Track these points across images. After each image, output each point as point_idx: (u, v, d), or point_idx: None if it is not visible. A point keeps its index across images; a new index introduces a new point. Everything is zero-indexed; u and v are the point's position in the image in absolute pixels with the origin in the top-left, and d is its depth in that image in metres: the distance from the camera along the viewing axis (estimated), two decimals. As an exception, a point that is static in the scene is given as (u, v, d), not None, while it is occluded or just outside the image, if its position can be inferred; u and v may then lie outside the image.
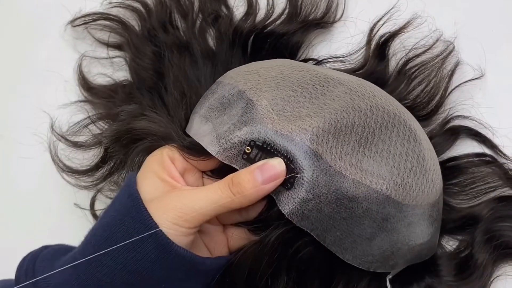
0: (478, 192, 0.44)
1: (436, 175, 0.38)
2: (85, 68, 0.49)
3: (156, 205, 0.33)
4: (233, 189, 0.32)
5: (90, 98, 0.48)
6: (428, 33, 0.46)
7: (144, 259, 0.31)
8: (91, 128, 0.46)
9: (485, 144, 0.45)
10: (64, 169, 0.45)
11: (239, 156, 0.34)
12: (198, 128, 0.37)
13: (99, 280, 0.31)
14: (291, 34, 0.47)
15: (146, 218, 0.32)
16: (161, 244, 0.31)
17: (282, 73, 0.37)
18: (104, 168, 0.45)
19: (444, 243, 0.44)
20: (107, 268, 0.31)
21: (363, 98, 0.36)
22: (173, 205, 0.32)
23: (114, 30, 0.49)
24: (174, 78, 0.44)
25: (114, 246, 0.32)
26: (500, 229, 0.42)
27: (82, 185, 0.45)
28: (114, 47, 0.49)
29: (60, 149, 0.46)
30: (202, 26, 0.48)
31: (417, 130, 0.38)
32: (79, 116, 0.48)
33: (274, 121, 0.34)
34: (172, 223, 0.32)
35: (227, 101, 0.37)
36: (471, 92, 0.46)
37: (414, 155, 0.36)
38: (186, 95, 0.43)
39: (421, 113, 0.45)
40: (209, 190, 0.33)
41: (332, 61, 0.47)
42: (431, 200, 0.37)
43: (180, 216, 0.32)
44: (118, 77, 0.49)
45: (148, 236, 0.31)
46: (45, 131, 0.47)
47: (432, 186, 0.37)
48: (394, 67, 0.46)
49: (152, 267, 0.32)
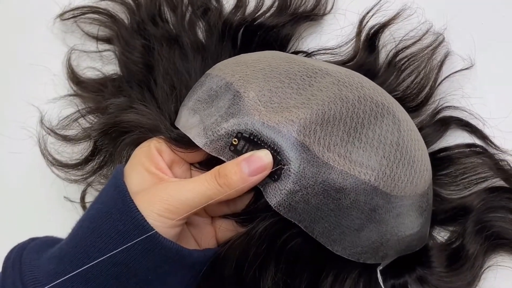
0: (468, 182, 0.44)
1: (424, 166, 0.38)
2: (74, 62, 0.49)
3: (143, 197, 0.33)
4: (220, 180, 0.32)
5: (79, 92, 0.47)
6: (418, 24, 0.46)
7: (130, 251, 0.31)
8: (80, 122, 0.46)
9: (476, 134, 0.45)
10: (53, 163, 0.45)
11: (226, 148, 0.34)
12: (186, 120, 0.37)
13: (86, 272, 0.31)
14: (281, 26, 0.47)
15: (133, 210, 0.32)
16: (147, 237, 0.31)
17: (269, 64, 0.37)
18: (93, 162, 0.45)
19: (436, 234, 0.44)
20: (93, 260, 0.31)
21: (351, 89, 0.36)
22: (159, 197, 0.32)
23: (103, 24, 0.49)
24: (163, 71, 0.44)
25: (100, 237, 0.31)
26: (491, 220, 0.42)
27: (72, 178, 0.45)
28: (104, 40, 0.49)
29: (49, 143, 0.46)
30: (192, 19, 0.48)
31: (406, 120, 0.38)
32: (68, 110, 0.47)
33: (261, 113, 0.34)
34: (158, 215, 0.32)
35: (215, 93, 0.37)
36: (461, 82, 0.46)
37: (403, 145, 0.36)
38: (176, 88, 0.43)
39: (411, 104, 0.45)
40: (196, 182, 0.33)
41: (322, 53, 0.47)
42: (419, 191, 0.37)
43: (167, 208, 0.32)
44: (107, 71, 0.49)
45: (134, 228, 0.31)
46: (34, 125, 0.47)
47: (421, 177, 0.37)
48: (384, 59, 0.46)
49: (138, 259, 0.31)
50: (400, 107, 0.39)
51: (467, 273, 0.41)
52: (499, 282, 0.42)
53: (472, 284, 0.41)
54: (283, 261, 0.36)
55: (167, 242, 0.32)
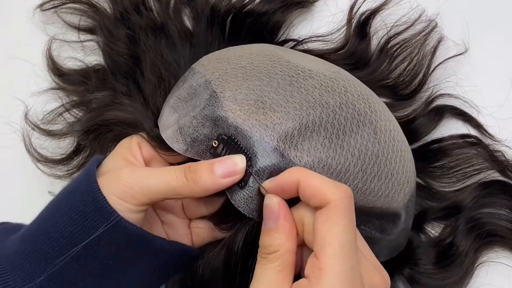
0: (462, 175, 0.43)
1: (405, 178, 0.36)
2: (54, 52, 0.47)
3: (108, 178, 0.32)
4: (188, 175, 0.32)
5: (62, 84, 0.46)
6: (410, 9, 0.45)
7: (90, 233, 0.31)
8: (65, 116, 0.45)
9: (470, 123, 0.45)
10: (39, 159, 0.44)
11: (207, 151, 0.33)
12: (166, 119, 0.36)
13: (45, 253, 0.31)
14: (271, 13, 0.45)
15: (95, 191, 0.31)
16: (108, 217, 0.31)
17: (251, 62, 0.35)
18: (79, 157, 0.44)
19: (430, 229, 0.43)
20: (53, 240, 0.31)
21: (332, 94, 0.34)
22: (122, 180, 0.32)
23: (85, 14, 0.47)
24: (150, 62, 0.42)
25: (61, 218, 0.31)
26: (483, 217, 0.42)
27: (58, 174, 0.44)
28: (86, 31, 0.47)
29: (34, 138, 0.45)
30: (177, 6, 0.46)
31: (391, 130, 0.36)
32: (53, 104, 0.46)
33: (235, 113, 0.33)
34: (118, 198, 0.31)
35: (194, 91, 0.35)
36: (454, 69, 0.45)
37: (382, 157, 0.34)
38: (164, 79, 0.41)
39: (404, 92, 0.45)
40: (163, 171, 0.33)
41: (313, 40, 0.46)
42: (396, 204, 0.35)
43: (126, 191, 0.31)
44: (90, 61, 0.47)
45: (95, 209, 0.31)
46: (19, 120, 0.46)
47: (399, 190, 0.35)
48: (375, 46, 0.45)
49: (98, 241, 0.31)
50: (387, 115, 0.38)
51: (458, 270, 0.40)
52: (491, 278, 0.42)
53: (464, 280, 0.41)
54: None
55: (128, 225, 0.31)
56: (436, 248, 0.42)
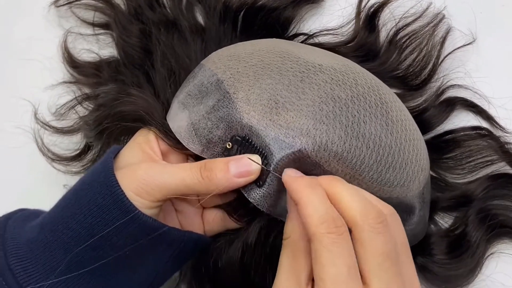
0: (474, 166, 0.43)
1: (419, 166, 0.36)
2: (70, 45, 0.48)
3: (125, 173, 0.33)
4: (204, 173, 0.32)
5: (76, 76, 0.47)
6: (418, 1, 0.46)
7: (109, 225, 0.31)
8: (77, 109, 0.45)
9: (481, 115, 0.45)
10: (53, 158, 0.44)
11: (222, 153, 0.33)
12: (175, 114, 0.37)
13: (64, 243, 0.32)
14: (282, 9, 0.46)
15: (113, 185, 0.32)
16: (125, 211, 0.31)
17: (262, 60, 0.36)
18: (92, 151, 0.44)
19: (438, 219, 0.43)
20: (72, 231, 0.32)
21: (344, 88, 0.35)
22: (139, 175, 0.32)
23: (100, 9, 0.48)
24: (162, 55, 0.43)
25: (80, 209, 0.32)
26: (494, 208, 0.42)
27: (74, 170, 0.44)
28: (100, 26, 0.48)
29: (47, 135, 0.45)
30: (189, 2, 0.47)
31: (403, 120, 0.37)
32: (65, 98, 0.46)
33: (250, 115, 0.33)
34: (135, 194, 0.32)
35: (205, 89, 0.36)
36: (463, 59, 0.46)
37: (395, 148, 0.35)
38: (175, 72, 0.42)
39: (414, 83, 0.45)
40: (179, 167, 0.33)
41: (324, 34, 0.47)
42: (412, 193, 0.36)
43: (143, 188, 0.32)
44: (103, 54, 0.48)
45: (113, 202, 0.31)
46: (28, 121, 0.46)
47: (414, 179, 0.36)
48: (384, 38, 0.46)
49: (116, 232, 0.31)
50: (398, 105, 0.38)
51: (468, 261, 0.40)
52: (500, 269, 0.42)
53: (474, 271, 0.41)
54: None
55: (145, 217, 0.32)
56: (447, 238, 0.42)
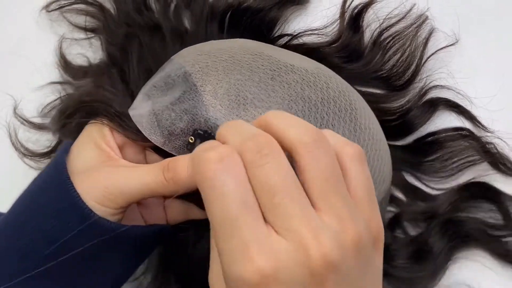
0: (457, 167, 0.44)
1: (381, 177, 0.36)
2: (65, 51, 0.49)
3: (84, 181, 0.32)
4: (167, 174, 0.31)
5: (68, 79, 0.48)
6: (401, 2, 0.46)
7: (66, 230, 0.30)
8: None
9: (464, 115, 0.45)
10: (25, 153, 0.45)
11: (184, 147, 0.33)
12: (137, 105, 0.36)
13: (20, 249, 0.31)
14: (267, 10, 0.47)
15: (69, 189, 0.31)
16: (84, 216, 0.31)
17: (232, 56, 0.36)
18: None
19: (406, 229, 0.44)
20: (28, 237, 0.31)
21: (314, 89, 0.35)
22: (101, 183, 0.31)
23: (91, 13, 0.49)
24: (138, 54, 0.43)
25: (36, 214, 0.31)
26: (459, 221, 0.42)
27: (43, 167, 0.44)
28: (91, 30, 0.49)
29: (23, 131, 0.46)
30: (177, 8, 0.48)
31: (371, 128, 0.37)
32: (51, 98, 0.47)
33: (216, 109, 0.33)
34: (97, 203, 0.31)
35: (172, 81, 0.35)
36: (446, 60, 0.46)
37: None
38: (152, 70, 0.41)
39: (398, 83, 0.45)
40: (142, 171, 0.32)
41: (308, 34, 0.47)
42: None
43: (105, 196, 0.31)
44: (96, 58, 0.49)
45: (70, 206, 0.31)
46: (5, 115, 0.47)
47: (375, 189, 0.36)
48: (369, 39, 0.46)
49: (74, 237, 0.31)
50: (367, 113, 0.38)
51: (431, 265, 0.41)
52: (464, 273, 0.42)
53: (436, 275, 0.41)
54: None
55: (106, 223, 0.31)
56: (411, 247, 0.42)
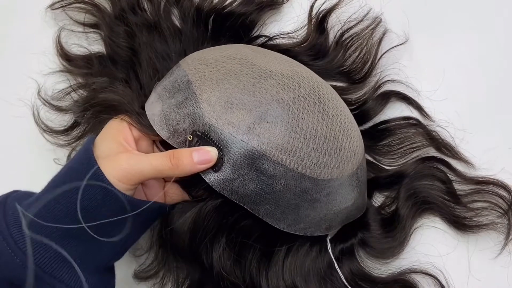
0: (404, 151, 0.50)
1: (353, 151, 0.43)
2: (63, 39, 0.55)
3: (107, 163, 0.39)
4: (173, 161, 0.39)
5: (69, 68, 0.53)
6: (359, 7, 0.53)
7: (92, 200, 0.38)
8: (72, 95, 0.52)
9: (412, 105, 0.52)
10: (45, 129, 0.51)
11: (184, 143, 0.41)
12: (152, 103, 0.44)
13: (55, 215, 0.37)
14: (247, 14, 0.53)
15: (98, 173, 0.38)
16: (107, 190, 0.38)
17: (224, 66, 0.42)
18: (78, 129, 0.51)
19: (374, 199, 0.50)
20: (61, 205, 0.37)
21: (287, 91, 0.41)
22: (121, 165, 0.39)
23: (89, 12, 0.55)
24: (147, 56, 0.50)
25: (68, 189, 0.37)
26: (420, 187, 0.48)
27: (60, 143, 0.51)
28: (90, 26, 0.55)
29: (44, 111, 0.52)
30: (167, 7, 0.54)
31: (339, 115, 0.43)
32: (62, 84, 0.53)
33: (210, 115, 0.40)
34: (118, 180, 0.38)
35: (178, 86, 0.42)
36: (397, 57, 0.53)
37: (330, 137, 0.41)
38: (159, 71, 0.49)
39: (357, 76, 0.52)
40: (153, 157, 0.40)
41: (281, 37, 0.54)
42: (347, 173, 0.42)
43: (124, 175, 0.39)
44: (93, 49, 0.55)
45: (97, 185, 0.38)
46: (30, 96, 0.53)
47: (348, 161, 0.42)
48: (332, 39, 0.53)
49: (97, 206, 0.38)
50: (336, 102, 0.44)
51: (399, 235, 0.47)
52: (425, 240, 0.48)
53: (403, 243, 0.47)
54: (235, 237, 0.42)
55: (121, 195, 0.38)
56: (382, 215, 0.48)
